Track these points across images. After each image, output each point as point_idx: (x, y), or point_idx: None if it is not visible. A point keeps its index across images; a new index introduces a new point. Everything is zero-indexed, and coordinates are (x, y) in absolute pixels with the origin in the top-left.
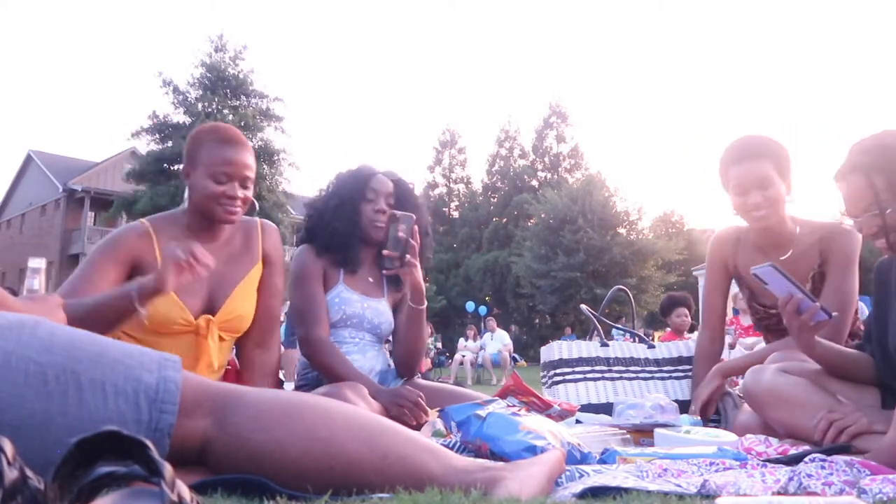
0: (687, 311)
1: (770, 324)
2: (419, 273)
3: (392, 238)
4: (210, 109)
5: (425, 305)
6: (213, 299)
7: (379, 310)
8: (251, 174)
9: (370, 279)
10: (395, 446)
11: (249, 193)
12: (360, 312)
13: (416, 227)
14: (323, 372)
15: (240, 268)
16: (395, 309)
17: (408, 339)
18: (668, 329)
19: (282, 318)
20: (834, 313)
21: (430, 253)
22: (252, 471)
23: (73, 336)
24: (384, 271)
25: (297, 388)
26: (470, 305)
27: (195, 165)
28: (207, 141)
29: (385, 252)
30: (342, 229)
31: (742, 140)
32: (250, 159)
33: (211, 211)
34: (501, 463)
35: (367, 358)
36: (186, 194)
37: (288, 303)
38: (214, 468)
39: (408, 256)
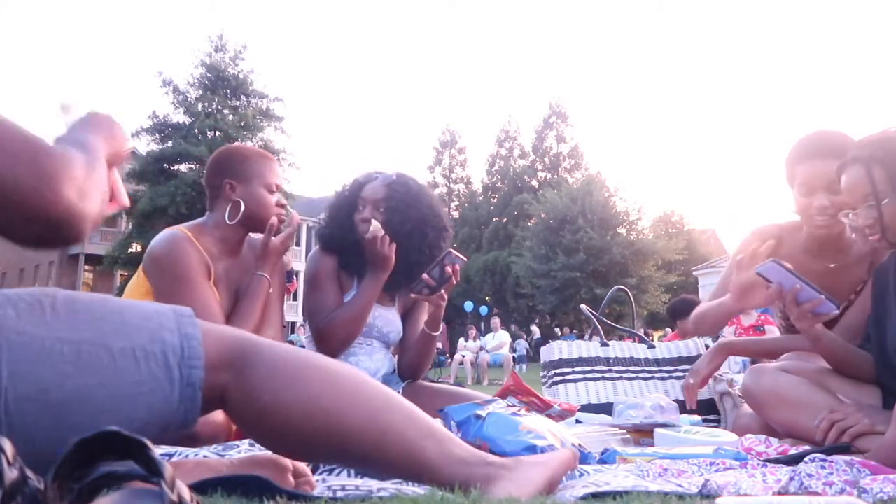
0: None
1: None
2: (443, 306)
3: (437, 267)
4: (210, 109)
5: (440, 332)
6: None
7: (389, 318)
8: None
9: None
10: (396, 424)
11: None
12: (370, 321)
13: (457, 268)
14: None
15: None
16: (405, 316)
17: (416, 355)
18: (674, 331)
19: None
20: (835, 311)
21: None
22: (260, 429)
23: (93, 308)
24: (412, 293)
25: None
26: (469, 305)
27: (246, 179)
28: (253, 156)
29: (424, 275)
30: (338, 237)
31: (815, 136)
32: None
33: (267, 220)
34: (503, 459)
35: (374, 360)
36: (221, 209)
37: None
38: (232, 418)
39: (441, 291)
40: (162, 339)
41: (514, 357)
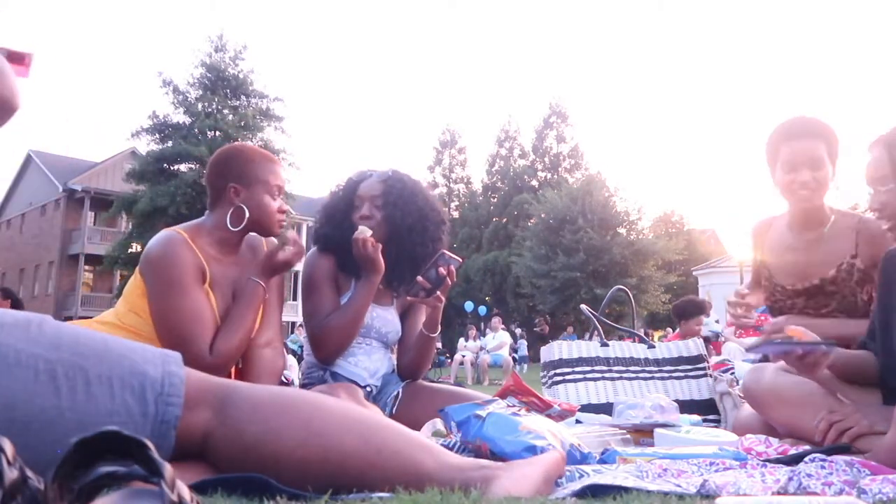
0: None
1: (783, 306)
2: (441, 307)
3: (431, 269)
4: (210, 109)
5: (437, 334)
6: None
7: (387, 318)
8: None
9: (380, 286)
10: (389, 442)
11: None
12: (368, 322)
13: (452, 269)
14: (338, 342)
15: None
16: (404, 315)
17: (416, 356)
18: (675, 331)
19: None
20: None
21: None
22: (250, 462)
23: (78, 333)
24: (408, 296)
25: (302, 386)
26: (469, 305)
27: (249, 183)
28: (257, 159)
29: (419, 278)
30: (336, 237)
31: (796, 119)
32: None
33: (270, 226)
34: (497, 462)
35: (373, 360)
36: (222, 212)
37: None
38: (214, 460)
39: (438, 293)
40: (143, 372)
41: (514, 357)
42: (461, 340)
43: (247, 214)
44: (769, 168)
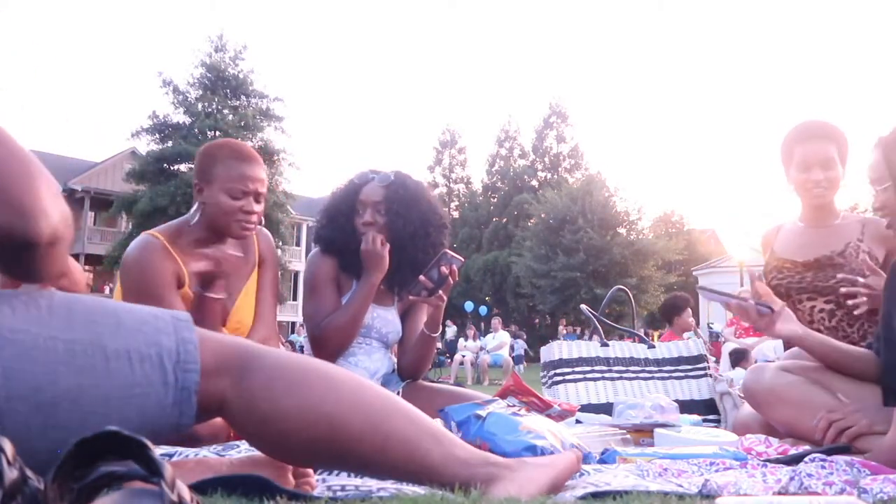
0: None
1: (791, 282)
2: (442, 307)
3: (433, 269)
4: (210, 109)
5: (438, 333)
6: (222, 308)
7: (388, 318)
8: (264, 190)
9: (381, 286)
10: (399, 429)
11: (262, 209)
12: (368, 322)
13: (454, 268)
14: (339, 343)
15: (241, 277)
16: (404, 316)
17: (416, 356)
18: (669, 329)
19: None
20: (769, 308)
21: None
22: (260, 436)
23: (87, 306)
24: (410, 295)
25: None
26: (469, 305)
27: (209, 181)
28: (222, 157)
29: (421, 277)
30: (339, 239)
31: (809, 122)
32: (263, 174)
33: (227, 227)
34: (507, 459)
35: (373, 360)
36: (198, 210)
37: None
38: (232, 425)
39: (440, 292)
40: (158, 343)
41: (512, 357)
42: (461, 340)
43: (196, 211)
44: (784, 168)
